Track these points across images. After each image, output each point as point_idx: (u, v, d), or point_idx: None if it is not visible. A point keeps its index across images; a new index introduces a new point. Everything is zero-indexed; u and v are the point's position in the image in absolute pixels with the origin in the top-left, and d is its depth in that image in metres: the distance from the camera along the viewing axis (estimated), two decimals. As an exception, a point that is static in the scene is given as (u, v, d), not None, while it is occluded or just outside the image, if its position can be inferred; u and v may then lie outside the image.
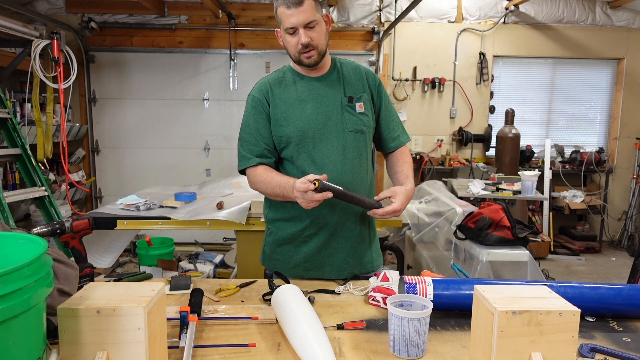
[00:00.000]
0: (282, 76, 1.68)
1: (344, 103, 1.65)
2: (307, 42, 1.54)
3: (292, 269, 1.69)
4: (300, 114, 1.62)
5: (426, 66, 5.47)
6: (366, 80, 1.70)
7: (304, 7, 1.51)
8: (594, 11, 5.44)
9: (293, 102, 1.63)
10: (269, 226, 1.78)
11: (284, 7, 1.52)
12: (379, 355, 1.10)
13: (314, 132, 1.62)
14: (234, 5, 5.25)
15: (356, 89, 1.68)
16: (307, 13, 1.51)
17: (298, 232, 1.67)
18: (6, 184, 4.07)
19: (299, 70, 1.67)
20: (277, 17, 1.57)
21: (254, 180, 1.64)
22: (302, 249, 1.68)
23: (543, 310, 0.90)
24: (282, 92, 1.65)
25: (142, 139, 5.48)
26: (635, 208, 5.64)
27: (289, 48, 1.59)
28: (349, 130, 1.64)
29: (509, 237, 2.43)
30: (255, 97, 1.66)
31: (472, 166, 5.23)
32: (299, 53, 1.57)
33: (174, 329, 1.18)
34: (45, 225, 1.48)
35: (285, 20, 1.53)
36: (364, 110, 1.67)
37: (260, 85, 1.68)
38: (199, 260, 3.57)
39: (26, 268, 0.72)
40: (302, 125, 1.61)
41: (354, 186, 1.64)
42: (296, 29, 1.54)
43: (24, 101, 4.22)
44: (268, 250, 1.77)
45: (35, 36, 3.65)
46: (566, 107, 5.78)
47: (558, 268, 4.88)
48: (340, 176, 1.62)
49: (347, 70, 1.70)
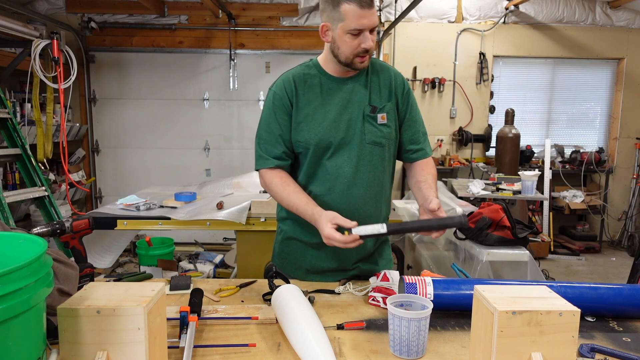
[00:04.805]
0: (308, 73, 1.58)
1: (366, 112, 1.55)
2: (371, 47, 1.44)
3: (297, 270, 1.68)
4: (322, 120, 1.54)
5: (426, 66, 5.47)
6: (394, 88, 1.60)
7: (374, 10, 1.42)
8: (594, 11, 5.44)
9: (316, 106, 1.55)
10: (279, 224, 1.75)
11: (356, 6, 1.39)
12: (379, 355, 1.10)
13: (332, 142, 1.54)
14: (234, 5, 5.25)
15: (382, 98, 1.58)
16: (376, 16, 1.43)
17: (309, 238, 1.63)
18: (6, 184, 4.07)
19: (328, 69, 1.56)
20: (335, 12, 1.42)
21: (269, 186, 1.58)
22: (311, 252, 1.66)
23: (543, 310, 0.89)
24: (306, 93, 1.55)
25: (142, 139, 5.48)
26: (635, 208, 5.64)
27: (344, 48, 1.46)
28: (367, 142, 1.55)
29: (509, 237, 2.43)
30: (277, 94, 1.56)
31: (472, 166, 5.23)
32: (355, 56, 1.46)
33: (174, 329, 1.18)
34: (45, 225, 1.48)
35: (354, 19, 1.40)
36: (385, 121, 1.56)
37: (284, 81, 1.57)
38: (199, 260, 3.57)
39: (26, 268, 0.72)
40: (323, 133, 1.53)
41: (366, 200, 1.58)
42: (362, 31, 1.42)
43: (24, 101, 4.22)
44: (277, 247, 1.74)
45: (35, 36, 3.65)
46: (566, 107, 5.78)
47: (558, 268, 4.88)
48: (351, 189, 1.56)
49: (375, 75, 1.59)
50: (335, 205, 1.50)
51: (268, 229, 2.60)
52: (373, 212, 1.62)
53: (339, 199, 1.56)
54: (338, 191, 1.56)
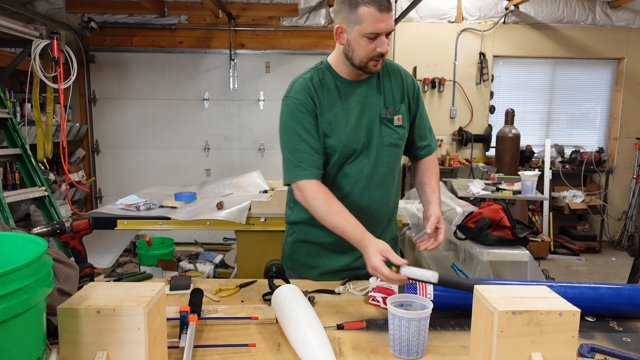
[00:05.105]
0: (323, 77, 1.53)
1: (382, 115, 1.55)
2: (386, 51, 1.42)
3: (310, 271, 1.67)
4: (344, 126, 1.51)
5: (426, 66, 5.47)
6: (405, 88, 1.60)
7: (392, 14, 1.40)
8: (594, 11, 5.44)
9: (337, 112, 1.51)
10: (289, 227, 1.72)
11: (375, 9, 1.36)
12: (379, 355, 1.10)
13: (356, 148, 1.52)
14: (234, 5, 5.25)
15: (395, 99, 1.57)
16: (393, 20, 1.41)
17: (324, 239, 1.62)
18: (6, 184, 4.07)
19: (341, 72, 1.53)
20: (352, 14, 1.39)
21: (311, 201, 1.46)
22: (325, 253, 1.65)
23: (543, 310, 0.89)
24: (325, 98, 1.51)
25: (142, 139, 5.48)
26: (635, 208, 5.64)
27: (359, 51, 1.43)
28: (385, 145, 1.55)
29: (509, 237, 2.43)
30: (300, 100, 1.49)
31: (472, 166, 5.23)
32: (370, 59, 1.44)
33: (174, 329, 1.18)
34: (45, 225, 1.48)
35: (372, 23, 1.37)
36: (401, 122, 1.57)
37: (302, 86, 1.51)
38: (199, 260, 3.57)
39: (26, 268, 0.72)
40: (346, 139, 1.51)
41: (382, 201, 1.59)
42: (378, 35, 1.39)
43: (24, 101, 4.22)
44: (288, 249, 1.72)
45: (35, 36, 3.65)
46: (566, 107, 5.78)
47: (558, 268, 4.88)
48: (370, 192, 1.56)
49: (386, 76, 1.58)
50: (351, 208, 1.47)
51: (268, 229, 2.60)
52: (386, 210, 1.64)
53: (356, 201, 1.56)
54: (356, 194, 1.57)
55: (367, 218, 1.46)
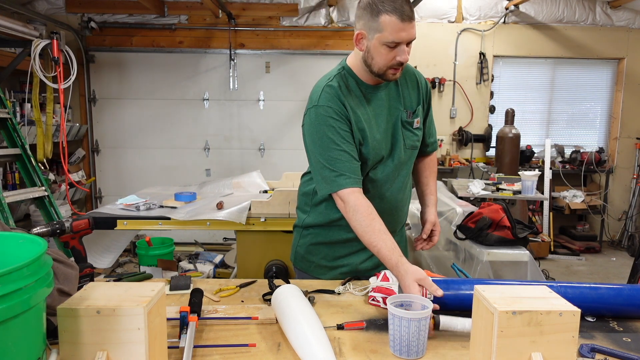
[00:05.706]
0: (347, 83, 1.50)
1: (403, 118, 1.56)
2: (406, 60, 1.41)
3: (327, 272, 1.68)
4: (375, 131, 1.51)
5: (426, 66, 5.46)
6: (419, 90, 1.61)
7: (414, 23, 1.37)
8: (594, 11, 5.44)
9: (367, 118, 1.50)
10: (306, 230, 1.70)
11: (397, 18, 1.34)
12: (379, 355, 1.10)
13: (385, 154, 1.53)
14: (234, 5, 5.25)
15: (412, 102, 1.58)
16: (415, 29, 1.39)
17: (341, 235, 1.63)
18: (6, 184, 4.07)
19: (361, 77, 1.51)
20: (373, 22, 1.37)
21: (353, 214, 1.42)
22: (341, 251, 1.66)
23: (543, 310, 0.89)
24: (353, 105, 1.49)
25: (142, 139, 5.48)
26: (635, 208, 5.64)
27: (378, 59, 1.41)
28: (407, 148, 1.57)
29: (509, 237, 2.43)
30: (333, 108, 1.45)
31: (472, 166, 5.23)
32: (389, 68, 1.42)
33: (174, 329, 1.18)
34: (45, 225, 1.48)
35: (394, 32, 1.35)
36: (419, 125, 1.59)
37: (331, 94, 1.46)
38: (199, 260, 3.57)
39: (26, 268, 0.72)
40: (377, 146, 1.51)
41: (404, 202, 1.64)
42: (399, 44, 1.38)
43: (24, 101, 4.22)
44: (302, 251, 1.71)
45: (35, 36, 3.65)
46: (566, 107, 5.78)
47: (558, 268, 4.88)
48: (395, 194, 1.59)
49: (403, 79, 1.58)
50: (377, 210, 1.45)
51: (268, 229, 2.60)
52: (405, 210, 1.71)
53: (381, 203, 1.57)
54: (381, 196, 1.58)
55: (390, 218, 1.50)
